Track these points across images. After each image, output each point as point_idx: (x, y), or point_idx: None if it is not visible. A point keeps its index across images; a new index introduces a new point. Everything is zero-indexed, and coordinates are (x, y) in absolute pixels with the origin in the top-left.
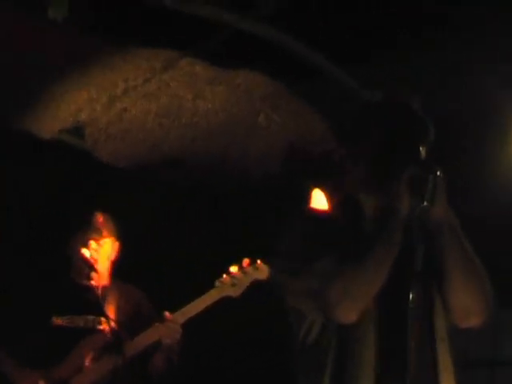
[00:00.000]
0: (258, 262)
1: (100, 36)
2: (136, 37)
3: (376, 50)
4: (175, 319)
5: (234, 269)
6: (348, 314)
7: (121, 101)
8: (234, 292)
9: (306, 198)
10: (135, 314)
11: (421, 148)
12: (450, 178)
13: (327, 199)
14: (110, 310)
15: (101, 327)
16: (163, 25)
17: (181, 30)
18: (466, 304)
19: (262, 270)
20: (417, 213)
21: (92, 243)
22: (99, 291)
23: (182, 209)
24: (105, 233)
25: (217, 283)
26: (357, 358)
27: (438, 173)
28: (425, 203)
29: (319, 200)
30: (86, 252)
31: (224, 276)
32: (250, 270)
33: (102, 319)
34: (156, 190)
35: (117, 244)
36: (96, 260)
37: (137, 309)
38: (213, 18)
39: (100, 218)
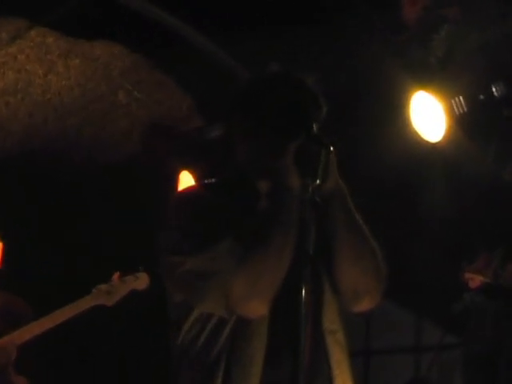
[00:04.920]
0: (140, 271)
1: None
2: None
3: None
4: (10, 339)
5: (114, 277)
6: (257, 307)
7: None
8: (108, 301)
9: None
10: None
11: (312, 124)
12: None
13: (196, 181)
14: None
15: None
16: None
17: None
18: (356, 281)
19: (141, 280)
20: (310, 191)
21: None
22: None
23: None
24: None
25: (93, 290)
26: (247, 357)
27: (331, 148)
28: (317, 181)
29: (187, 182)
30: None
31: (102, 284)
32: (129, 278)
33: None
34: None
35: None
36: None
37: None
38: None
39: None
